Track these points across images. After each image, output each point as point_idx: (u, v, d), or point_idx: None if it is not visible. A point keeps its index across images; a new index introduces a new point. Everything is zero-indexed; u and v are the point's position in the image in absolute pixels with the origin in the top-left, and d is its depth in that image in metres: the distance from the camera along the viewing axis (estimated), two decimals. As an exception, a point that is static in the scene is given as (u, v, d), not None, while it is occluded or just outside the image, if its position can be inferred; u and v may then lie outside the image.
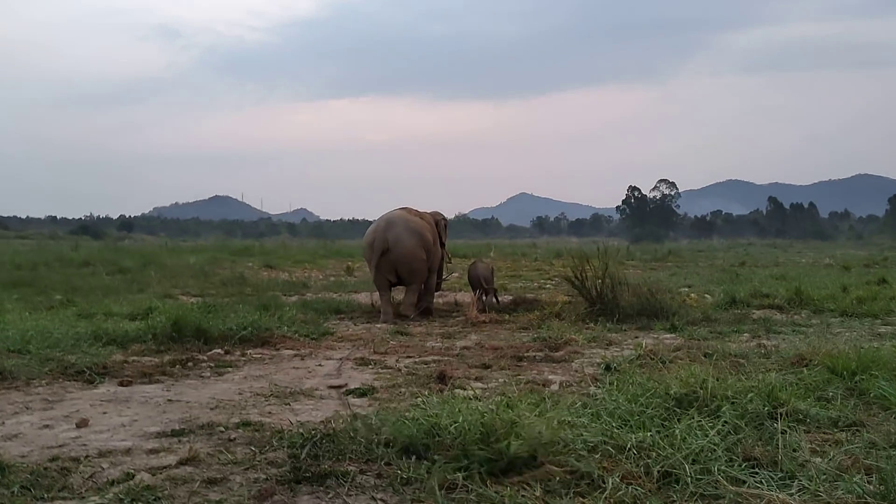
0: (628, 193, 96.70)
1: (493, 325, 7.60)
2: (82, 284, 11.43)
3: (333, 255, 23.66)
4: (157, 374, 4.80)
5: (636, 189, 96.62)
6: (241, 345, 6.03)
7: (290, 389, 4.31)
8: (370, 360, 5.41)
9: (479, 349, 5.86)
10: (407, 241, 8.50)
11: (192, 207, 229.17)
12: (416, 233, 8.65)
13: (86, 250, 21.80)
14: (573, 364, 5.13)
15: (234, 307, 8.44)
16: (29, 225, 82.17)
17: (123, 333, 6.11)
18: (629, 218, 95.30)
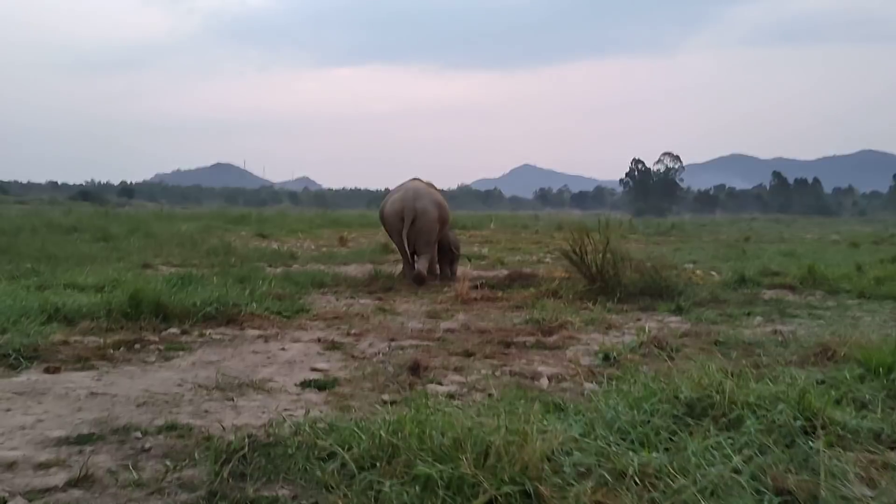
0: (632, 166, 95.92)
1: (485, 304, 7.02)
2: (59, 252, 10.86)
3: (330, 225, 23.09)
4: (96, 358, 4.23)
5: (640, 162, 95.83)
6: (204, 323, 5.47)
7: (240, 380, 3.74)
8: (341, 343, 4.84)
9: (465, 332, 5.28)
10: (432, 212, 9.03)
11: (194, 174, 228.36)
12: (439, 205, 9.22)
13: (78, 216, 21.20)
14: (567, 352, 4.56)
15: (209, 279, 7.92)
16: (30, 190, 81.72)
17: (76, 308, 5.55)
18: (632, 191, 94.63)
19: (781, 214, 66.13)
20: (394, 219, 9.08)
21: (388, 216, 9.20)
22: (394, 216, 9.09)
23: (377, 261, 11.54)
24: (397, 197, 9.23)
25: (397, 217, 9.01)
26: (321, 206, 58.26)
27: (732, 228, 29.90)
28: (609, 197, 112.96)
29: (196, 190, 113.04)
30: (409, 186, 9.43)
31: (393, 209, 9.14)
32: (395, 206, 9.12)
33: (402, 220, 8.92)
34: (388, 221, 9.23)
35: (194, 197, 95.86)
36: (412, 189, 9.27)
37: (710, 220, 43.43)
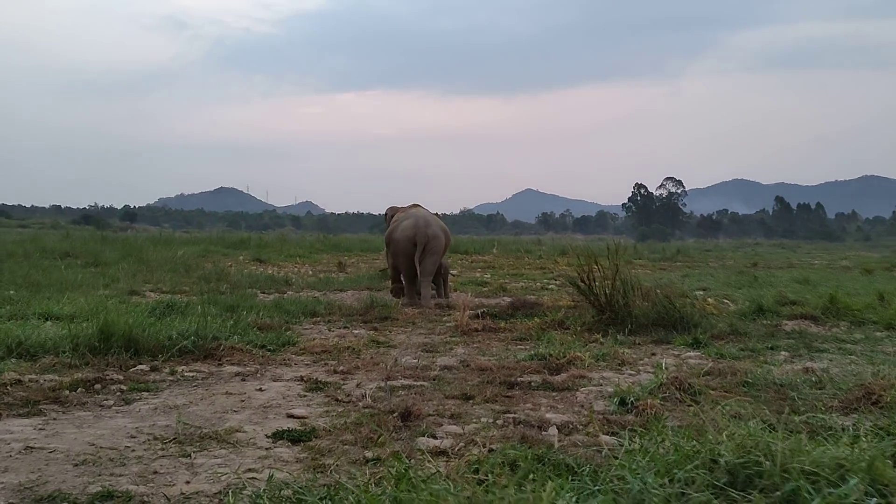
0: (634, 191, 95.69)
1: (486, 335, 6.54)
2: (43, 279, 10.41)
3: (330, 250, 22.62)
4: (47, 401, 3.75)
5: (642, 187, 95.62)
6: (179, 358, 5.00)
7: (203, 430, 3.25)
8: (325, 383, 4.34)
9: (464, 370, 4.78)
10: (441, 238, 9.57)
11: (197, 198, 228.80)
12: (445, 232, 9.77)
13: (73, 241, 20.73)
14: (578, 394, 4.05)
15: (194, 308, 7.47)
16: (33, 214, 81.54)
17: (40, 342, 5.08)
18: (635, 216, 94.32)
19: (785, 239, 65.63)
20: (406, 244, 9.35)
21: (400, 241, 9.41)
22: (406, 241, 9.36)
23: (374, 287, 11.09)
24: (409, 223, 9.51)
25: (410, 242, 9.31)
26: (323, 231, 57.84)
27: (738, 254, 29.39)
28: (611, 222, 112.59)
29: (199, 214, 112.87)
30: (418, 213, 9.83)
31: (405, 234, 9.40)
32: (406, 232, 9.40)
33: (415, 245, 9.27)
34: (400, 246, 9.42)
35: (197, 221, 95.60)
36: (422, 216, 9.69)
37: (713, 245, 42.83)
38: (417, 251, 9.26)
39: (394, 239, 9.58)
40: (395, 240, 9.54)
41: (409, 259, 9.36)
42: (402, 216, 10.05)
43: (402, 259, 9.46)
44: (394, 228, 9.75)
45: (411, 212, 10.07)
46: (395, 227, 9.76)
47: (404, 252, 9.40)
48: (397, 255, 9.55)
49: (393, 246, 9.61)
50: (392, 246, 9.64)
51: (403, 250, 9.40)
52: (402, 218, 9.97)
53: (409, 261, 9.35)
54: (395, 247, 9.55)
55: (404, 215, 10.04)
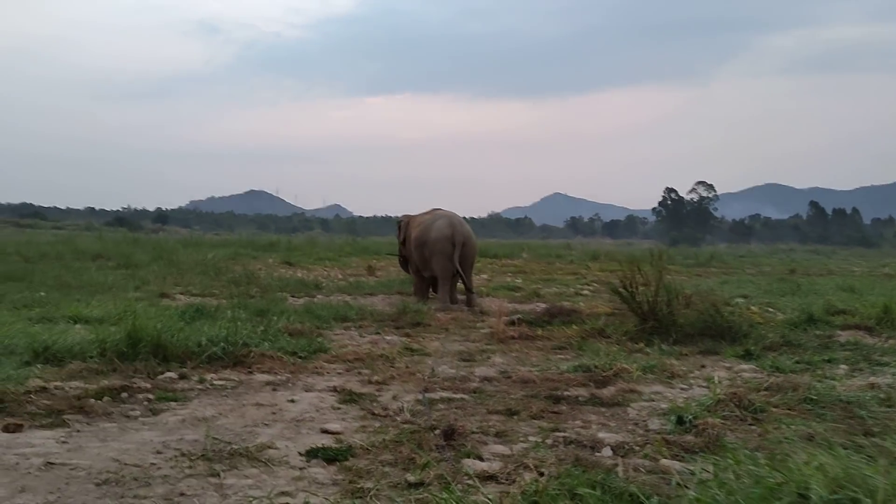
0: (664, 195, 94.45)
1: (523, 343, 6.29)
2: (74, 280, 10.38)
3: (360, 253, 22.47)
4: (71, 410, 3.58)
5: (673, 191, 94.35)
6: (208, 365, 4.82)
7: (233, 446, 3.05)
8: (360, 394, 4.13)
9: (505, 381, 4.54)
10: (474, 238, 9.72)
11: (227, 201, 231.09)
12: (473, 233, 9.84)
13: (105, 243, 20.81)
14: (629, 410, 3.80)
15: (223, 312, 7.33)
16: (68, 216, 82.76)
17: (67, 347, 4.95)
18: (665, 220, 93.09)
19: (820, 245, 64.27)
20: (444, 244, 9.29)
21: (437, 241, 9.33)
22: (444, 241, 9.31)
23: (405, 291, 10.89)
24: (444, 223, 9.47)
25: (448, 242, 9.27)
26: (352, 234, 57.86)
27: (773, 260, 28.66)
28: (640, 226, 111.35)
29: (229, 216, 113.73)
30: (448, 214, 9.85)
31: (442, 234, 9.34)
32: (444, 232, 9.35)
33: (454, 244, 9.23)
34: (437, 247, 9.34)
35: (227, 223, 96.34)
36: (455, 216, 9.74)
37: (746, 251, 41.94)
38: (456, 251, 9.19)
39: (430, 239, 9.42)
40: (433, 240, 9.39)
41: (447, 259, 9.25)
42: (430, 218, 9.91)
43: (440, 259, 9.31)
44: (427, 229, 9.59)
45: (439, 213, 9.97)
46: (426, 228, 9.61)
47: (443, 252, 9.28)
48: (434, 256, 9.37)
49: (430, 247, 9.43)
50: (429, 247, 9.45)
51: (442, 250, 9.28)
52: (430, 220, 9.83)
53: (448, 261, 9.25)
54: (432, 247, 9.39)
55: (431, 217, 9.92)
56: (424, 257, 9.65)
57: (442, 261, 9.32)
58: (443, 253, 9.29)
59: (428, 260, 9.59)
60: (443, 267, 9.34)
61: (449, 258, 9.25)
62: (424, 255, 9.63)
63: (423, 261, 9.80)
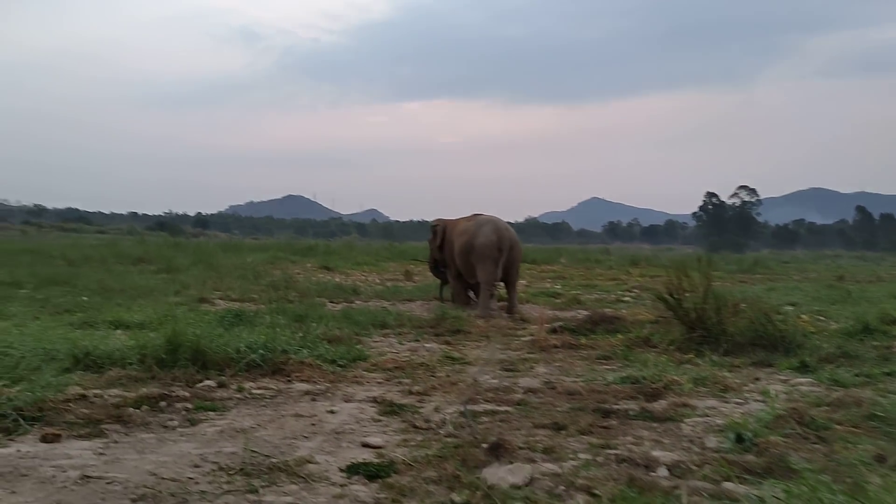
0: (705, 200, 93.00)
1: (567, 352, 6.13)
2: (116, 284, 10.48)
3: (397, 258, 22.44)
4: (110, 420, 3.52)
5: (714, 195, 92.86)
6: (247, 373, 4.76)
7: (272, 460, 2.96)
8: (401, 405, 4.02)
9: (550, 393, 4.38)
10: (520, 244, 9.66)
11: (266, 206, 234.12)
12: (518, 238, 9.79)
13: (147, 247, 21.09)
14: (683, 426, 3.61)
15: (262, 317, 7.30)
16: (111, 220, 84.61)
17: (107, 353, 4.92)
18: (706, 225, 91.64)
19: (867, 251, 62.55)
20: (491, 249, 9.21)
21: (484, 247, 9.25)
22: (491, 247, 9.23)
23: (443, 297, 10.78)
24: (490, 229, 9.40)
25: (495, 247, 9.19)
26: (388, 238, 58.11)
27: (819, 266, 27.90)
28: (680, 231, 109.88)
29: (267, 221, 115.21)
30: (492, 219, 9.74)
31: (489, 240, 9.27)
32: (490, 238, 9.27)
33: (500, 250, 9.18)
34: (483, 252, 9.25)
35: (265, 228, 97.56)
36: (500, 222, 9.67)
37: (791, 257, 40.95)
38: (503, 257, 9.15)
39: (477, 245, 9.32)
40: (480, 246, 9.28)
41: (494, 265, 9.16)
42: (474, 224, 9.75)
43: (486, 265, 9.22)
44: (473, 235, 9.45)
45: (482, 218, 9.81)
46: (472, 234, 9.47)
47: (490, 258, 9.19)
48: (480, 262, 9.27)
49: (476, 253, 9.32)
50: (475, 253, 9.34)
51: (490, 256, 9.20)
52: (474, 226, 9.68)
53: (494, 267, 9.16)
54: (479, 253, 9.28)
55: (475, 223, 9.75)
56: (469, 263, 9.52)
57: (488, 267, 9.21)
58: (489, 259, 9.20)
59: (473, 266, 9.47)
60: (488, 273, 9.22)
61: (495, 264, 9.16)
62: (470, 261, 9.51)
63: (467, 267, 9.68)
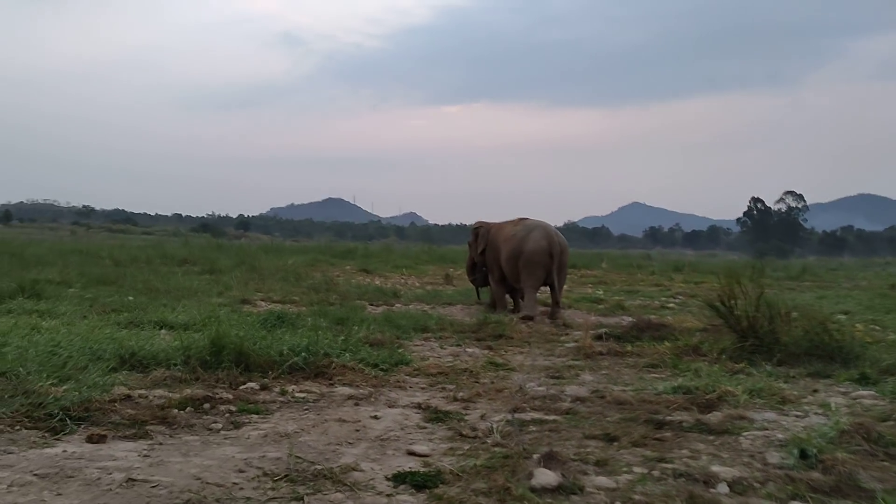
0: (750, 205, 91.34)
1: (613, 360, 5.99)
2: (161, 284, 10.60)
3: (436, 261, 22.39)
4: (154, 421, 3.51)
5: (759, 201, 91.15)
6: (289, 376, 4.73)
7: (317, 466, 2.89)
8: (446, 412, 3.93)
9: (599, 402, 4.25)
10: (567, 249, 9.64)
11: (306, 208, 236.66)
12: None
13: (191, 248, 21.38)
14: (741, 439, 3.45)
15: (304, 320, 7.29)
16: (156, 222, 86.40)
17: (152, 354, 4.94)
18: (750, 231, 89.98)
19: (920, 259, 60.58)
20: (542, 255, 9.15)
21: (535, 252, 9.18)
22: (542, 253, 9.17)
23: (484, 302, 10.68)
24: (540, 234, 9.35)
25: (546, 253, 9.14)
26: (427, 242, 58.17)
27: (869, 273, 27.03)
28: (724, 237, 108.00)
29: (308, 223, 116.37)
30: (541, 224, 9.75)
31: (539, 246, 9.21)
32: (541, 244, 9.22)
33: (551, 255, 9.12)
34: (534, 258, 9.18)
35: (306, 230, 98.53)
36: (549, 227, 9.68)
37: (838, 264, 39.83)
38: (554, 263, 9.09)
39: (527, 251, 9.22)
40: (530, 251, 9.20)
41: (543, 271, 9.10)
42: (522, 229, 9.65)
43: (535, 271, 9.15)
44: (522, 240, 9.36)
45: (530, 223, 9.77)
46: (521, 239, 9.38)
47: (539, 263, 9.13)
48: (528, 268, 9.18)
49: (526, 258, 9.21)
50: (524, 258, 9.23)
51: (541, 262, 9.13)
52: (523, 230, 9.58)
53: (543, 272, 9.11)
54: (528, 259, 9.19)
55: (524, 227, 9.65)
56: (517, 268, 9.39)
57: (537, 272, 9.15)
58: (539, 265, 9.14)
59: (520, 271, 9.35)
60: (536, 279, 9.17)
61: (545, 270, 9.10)
62: (517, 265, 9.38)
63: (513, 272, 9.55)
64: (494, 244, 10.11)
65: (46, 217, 73.73)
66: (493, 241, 10.20)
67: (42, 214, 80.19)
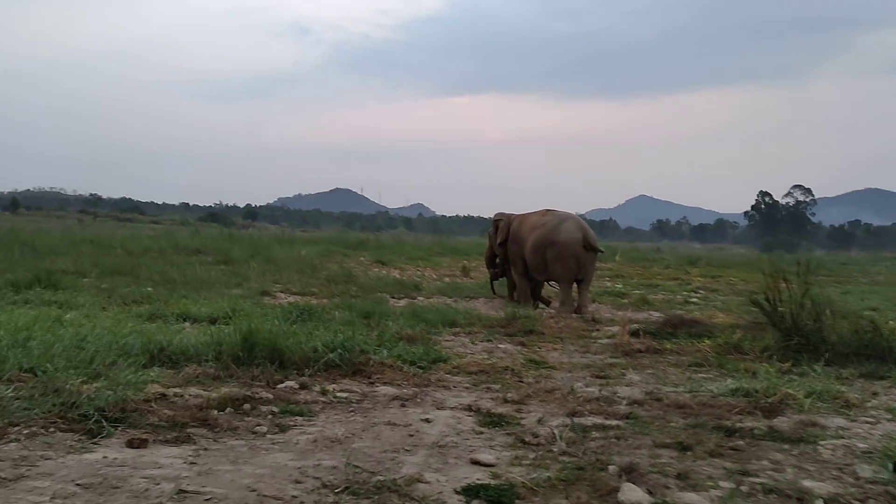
0: (758, 199, 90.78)
1: (653, 358, 5.78)
2: (178, 276, 10.41)
3: (449, 253, 22.20)
4: (195, 423, 3.31)
5: (767, 194, 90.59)
6: (326, 373, 4.54)
7: (378, 477, 2.69)
8: (499, 415, 3.72)
9: (656, 405, 4.04)
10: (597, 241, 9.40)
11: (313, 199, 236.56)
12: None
13: (203, 238, 21.17)
14: (820, 449, 3.23)
15: (330, 314, 7.10)
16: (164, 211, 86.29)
17: (182, 349, 4.75)
18: (758, 225, 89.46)
19: (928, 253, 60.02)
20: (575, 247, 9.01)
21: (568, 244, 9.02)
22: (575, 244, 9.02)
23: (505, 295, 10.47)
24: (572, 225, 9.21)
25: (579, 245, 9.00)
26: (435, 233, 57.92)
27: (881, 268, 26.64)
28: (731, 230, 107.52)
29: (315, 214, 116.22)
30: (571, 215, 9.60)
31: (573, 237, 9.06)
32: (575, 234, 9.07)
33: (585, 247, 9.00)
34: (567, 250, 9.02)
35: (313, 221, 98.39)
36: (580, 219, 9.55)
37: (847, 258, 39.35)
38: (588, 255, 9.00)
39: (559, 242, 9.06)
40: (563, 243, 9.03)
41: (576, 263, 8.98)
42: (551, 219, 9.46)
43: (568, 263, 9.00)
44: (552, 231, 9.17)
45: (560, 214, 9.61)
46: (551, 230, 9.20)
47: (573, 255, 8.98)
48: (560, 260, 9.02)
49: (557, 249, 9.04)
50: (555, 249, 9.06)
51: (574, 254, 8.99)
52: (553, 221, 9.38)
53: (577, 265, 8.98)
54: (560, 250, 9.03)
55: (553, 218, 9.46)
56: (545, 260, 9.21)
57: (570, 265, 9.00)
58: (573, 257, 8.98)
59: (550, 263, 9.18)
60: (569, 271, 9.02)
61: (578, 262, 8.97)
62: (546, 257, 9.18)
63: (540, 264, 9.34)
64: (518, 235, 9.88)
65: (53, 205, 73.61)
66: (515, 231, 9.97)
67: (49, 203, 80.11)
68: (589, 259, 9.12)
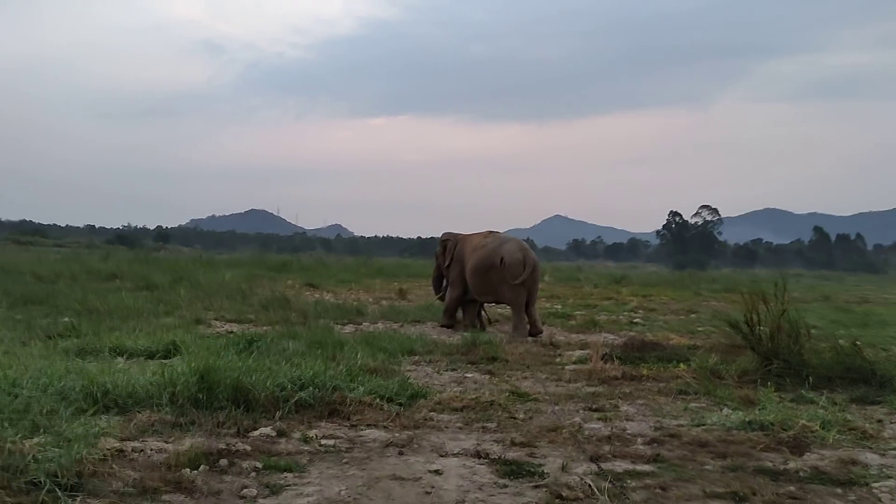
0: (669, 219, 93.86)
1: (633, 385, 5.50)
2: (101, 304, 9.50)
3: (377, 275, 21.69)
4: (168, 488, 2.75)
5: (677, 214, 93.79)
6: (300, 415, 4.03)
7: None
8: (514, 462, 3.29)
9: (678, 444, 3.69)
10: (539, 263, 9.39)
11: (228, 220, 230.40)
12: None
13: (117, 262, 19.87)
14: (876, 492, 2.96)
15: (280, 343, 6.53)
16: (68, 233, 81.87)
17: (130, 391, 4.13)
18: (669, 244, 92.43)
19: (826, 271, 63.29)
20: (517, 268, 8.90)
21: (511, 266, 8.91)
22: (517, 266, 8.92)
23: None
24: (514, 246, 9.17)
25: (520, 265, 8.91)
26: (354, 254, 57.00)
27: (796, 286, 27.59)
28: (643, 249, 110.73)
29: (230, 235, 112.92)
30: (513, 238, 9.66)
31: (515, 258, 8.98)
32: (517, 256, 9.01)
33: (524, 268, 8.88)
34: (509, 272, 8.89)
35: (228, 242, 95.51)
36: (520, 241, 9.55)
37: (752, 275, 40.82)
38: (527, 274, 8.83)
39: (504, 264, 8.91)
40: (507, 264, 8.89)
41: (520, 285, 8.82)
42: (493, 241, 9.31)
43: (512, 285, 8.85)
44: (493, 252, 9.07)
45: (502, 236, 9.61)
46: (492, 251, 9.10)
47: (515, 277, 8.83)
48: (505, 282, 8.87)
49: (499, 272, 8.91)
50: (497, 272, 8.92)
51: (514, 275, 8.83)
52: (494, 243, 9.24)
53: (521, 287, 8.83)
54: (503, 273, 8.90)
55: (495, 240, 9.33)
56: (489, 282, 9.01)
57: (515, 287, 8.82)
58: (515, 278, 8.80)
59: (494, 285, 8.98)
60: (516, 293, 8.85)
61: (522, 284, 8.79)
62: (490, 279, 8.98)
63: (483, 286, 9.08)
64: (460, 256, 9.62)
65: (-58, 227, 68.74)
66: (459, 253, 9.69)
67: (-62, 224, 74.82)
68: (532, 280, 9.04)
